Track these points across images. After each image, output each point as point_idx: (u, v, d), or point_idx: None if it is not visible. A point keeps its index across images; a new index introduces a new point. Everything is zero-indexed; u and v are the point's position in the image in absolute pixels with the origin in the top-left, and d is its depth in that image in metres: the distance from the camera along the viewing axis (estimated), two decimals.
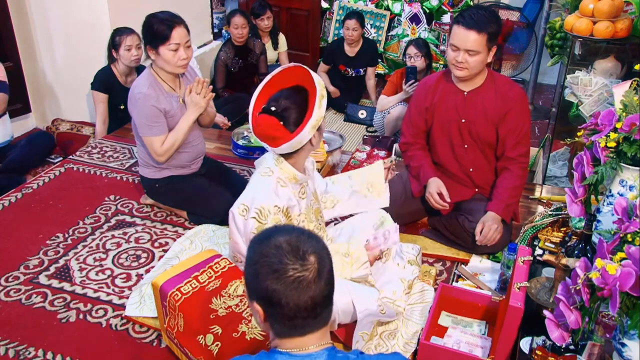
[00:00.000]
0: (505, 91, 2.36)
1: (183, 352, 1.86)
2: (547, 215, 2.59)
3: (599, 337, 1.56)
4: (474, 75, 2.34)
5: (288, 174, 1.95)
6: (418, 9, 5.09)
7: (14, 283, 2.31)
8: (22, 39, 3.90)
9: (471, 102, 2.39)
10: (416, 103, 2.53)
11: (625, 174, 1.74)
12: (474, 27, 2.21)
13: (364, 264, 1.98)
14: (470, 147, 2.46)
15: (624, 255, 1.31)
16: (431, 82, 2.49)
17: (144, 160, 2.69)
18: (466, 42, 2.22)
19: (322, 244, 1.18)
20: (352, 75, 4.74)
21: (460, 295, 2.09)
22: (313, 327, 1.16)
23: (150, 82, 2.52)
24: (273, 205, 1.88)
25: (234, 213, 1.92)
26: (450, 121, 2.44)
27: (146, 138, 2.55)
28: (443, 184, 2.45)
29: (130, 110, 2.57)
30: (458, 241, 2.49)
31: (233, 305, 1.83)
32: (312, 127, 1.84)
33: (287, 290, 1.11)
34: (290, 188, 1.96)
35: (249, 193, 1.94)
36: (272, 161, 1.96)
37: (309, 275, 1.11)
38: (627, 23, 2.79)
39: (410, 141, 2.58)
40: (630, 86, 1.79)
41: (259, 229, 1.86)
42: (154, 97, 2.49)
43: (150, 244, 2.58)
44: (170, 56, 2.48)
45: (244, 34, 4.31)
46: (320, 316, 1.16)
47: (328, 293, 1.16)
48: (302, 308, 1.12)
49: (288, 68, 1.96)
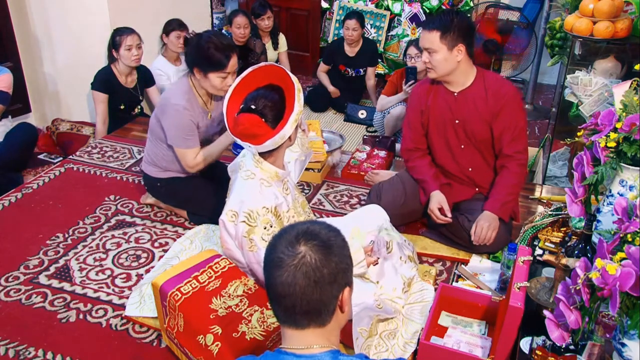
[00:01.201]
0: (496, 89, 2.38)
1: (183, 352, 1.86)
2: (547, 215, 2.59)
3: (599, 337, 1.56)
4: (446, 75, 2.36)
5: (270, 173, 1.98)
6: (418, 9, 5.08)
7: (14, 283, 2.31)
8: (22, 39, 3.90)
9: (462, 102, 2.41)
10: (412, 106, 2.55)
11: (625, 174, 1.74)
12: (427, 26, 2.32)
13: (360, 263, 1.98)
14: (467, 147, 2.47)
15: (624, 255, 1.31)
16: (425, 85, 2.52)
17: (151, 158, 2.69)
18: (424, 42, 2.33)
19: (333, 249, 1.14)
20: (352, 75, 4.74)
21: (460, 295, 2.09)
22: (304, 322, 1.14)
23: (189, 96, 2.52)
24: (261, 206, 1.90)
25: (224, 221, 1.95)
26: (445, 122, 2.46)
27: (179, 150, 2.55)
28: (444, 198, 2.46)
29: (161, 116, 2.55)
30: (458, 241, 2.49)
31: (233, 305, 1.83)
32: (294, 121, 1.89)
33: (270, 268, 1.13)
34: (275, 186, 1.99)
35: (235, 198, 1.96)
36: (252, 163, 1.98)
37: (289, 261, 1.10)
38: (627, 23, 2.79)
39: (411, 147, 2.58)
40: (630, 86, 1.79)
41: (249, 232, 1.88)
42: (191, 110, 2.50)
43: (150, 244, 2.58)
44: (219, 82, 2.45)
45: (246, 34, 4.31)
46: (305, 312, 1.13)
47: (313, 292, 1.11)
48: (278, 292, 1.12)
49: (259, 68, 2.00)
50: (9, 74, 3.35)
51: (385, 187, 2.65)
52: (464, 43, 2.29)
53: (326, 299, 1.13)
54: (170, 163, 2.66)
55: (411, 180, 2.61)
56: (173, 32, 3.91)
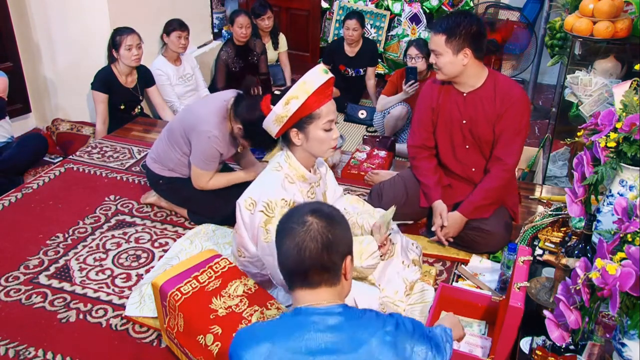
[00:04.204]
0: (506, 92, 2.36)
1: (183, 352, 1.86)
2: (547, 215, 2.59)
3: (599, 337, 1.56)
4: (453, 77, 2.36)
5: (296, 171, 1.97)
6: (418, 9, 5.08)
7: (14, 283, 2.31)
8: (22, 39, 3.90)
9: (471, 103, 2.40)
10: (424, 103, 2.53)
11: (625, 174, 1.74)
12: (434, 28, 2.31)
13: (373, 254, 1.98)
14: (472, 148, 2.47)
15: (624, 255, 1.31)
16: (437, 83, 2.49)
17: (159, 157, 2.70)
18: (431, 44, 2.34)
19: (336, 220, 1.33)
20: (352, 75, 4.73)
21: (460, 295, 2.09)
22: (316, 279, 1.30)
23: (223, 126, 2.54)
24: (280, 198, 1.88)
25: (240, 205, 1.94)
26: (452, 122, 2.45)
27: (197, 170, 2.60)
28: (445, 209, 2.47)
29: (190, 133, 2.57)
30: (458, 241, 2.49)
31: (233, 305, 1.83)
32: (276, 118, 1.88)
33: (282, 237, 1.32)
34: (298, 185, 1.97)
35: (257, 186, 1.96)
36: (282, 157, 1.98)
37: (299, 229, 1.29)
38: (627, 23, 2.78)
39: (418, 144, 2.57)
40: (630, 86, 1.79)
41: (266, 222, 1.87)
42: (222, 142, 2.54)
43: (150, 244, 2.58)
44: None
45: (248, 34, 4.32)
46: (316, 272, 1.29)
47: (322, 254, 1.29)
48: (292, 255, 1.29)
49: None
50: (4, 77, 3.34)
51: (386, 187, 2.65)
52: (470, 47, 2.26)
53: (334, 260, 1.31)
54: (178, 166, 2.68)
55: (413, 180, 2.61)
56: (174, 32, 3.91)
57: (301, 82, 1.85)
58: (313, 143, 1.91)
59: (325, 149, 1.94)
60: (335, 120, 1.94)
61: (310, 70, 1.88)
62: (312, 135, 1.90)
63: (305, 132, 1.90)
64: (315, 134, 1.90)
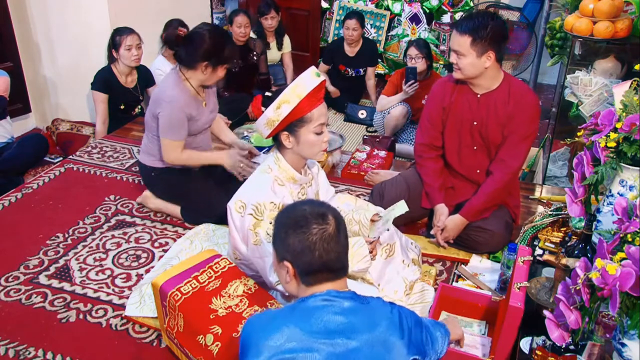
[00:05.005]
0: (520, 96, 2.35)
1: (183, 352, 1.86)
2: (547, 215, 2.59)
3: (599, 337, 1.56)
4: (471, 78, 2.34)
5: (286, 173, 1.98)
6: (418, 9, 5.09)
7: (14, 283, 2.31)
8: (22, 39, 3.91)
9: (484, 105, 2.39)
10: (435, 102, 2.51)
11: (625, 174, 1.74)
12: (459, 29, 2.27)
13: (364, 258, 1.98)
14: (479, 149, 2.46)
15: (624, 255, 1.31)
16: (450, 83, 2.47)
17: (149, 149, 2.71)
18: (454, 44, 2.29)
19: (337, 211, 1.44)
20: (352, 75, 4.74)
21: (460, 295, 2.09)
22: (339, 274, 1.41)
23: (180, 88, 2.55)
24: (269, 201, 1.90)
25: (231, 208, 1.96)
26: (462, 122, 2.44)
27: (165, 140, 2.59)
28: (447, 213, 2.48)
29: (155, 110, 2.58)
30: (458, 241, 2.49)
31: (233, 305, 1.83)
32: (267, 122, 1.88)
33: (314, 242, 1.36)
34: (288, 187, 1.98)
35: (246, 189, 1.97)
36: (272, 159, 1.99)
37: (329, 228, 1.37)
38: (627, 23, 2.78)
39: (426, 142, 2.56)
40: (630, 86, 1.79)
41: (255, 225, 1.89)
42: (184, 101, 2.53)
43: (150, 244, 2.58)
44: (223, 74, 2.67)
45: (247, 34, 4.31)
46: (343, 265, 1.42)
47: (346, 244, 1.42)
48: (326, 257, 1.36)
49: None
50: (6, 77, 3.35)
51: (388, 186, 2.65)
52: (494, 50, 2.25)
53: (344, 257, 1.42)
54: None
55: (415, 180, 2.60)
56: None
57: (293, 86, 1.85)
58: (304, 146, 1.92)
59: (315, 151, 1.95)
60: (327, 122, 1.94)
61: (302, 74, 1.87)
62: (303, 138, 1.90)
63: (296, 135, 1.90)
64: (306, 138, 1.90)
